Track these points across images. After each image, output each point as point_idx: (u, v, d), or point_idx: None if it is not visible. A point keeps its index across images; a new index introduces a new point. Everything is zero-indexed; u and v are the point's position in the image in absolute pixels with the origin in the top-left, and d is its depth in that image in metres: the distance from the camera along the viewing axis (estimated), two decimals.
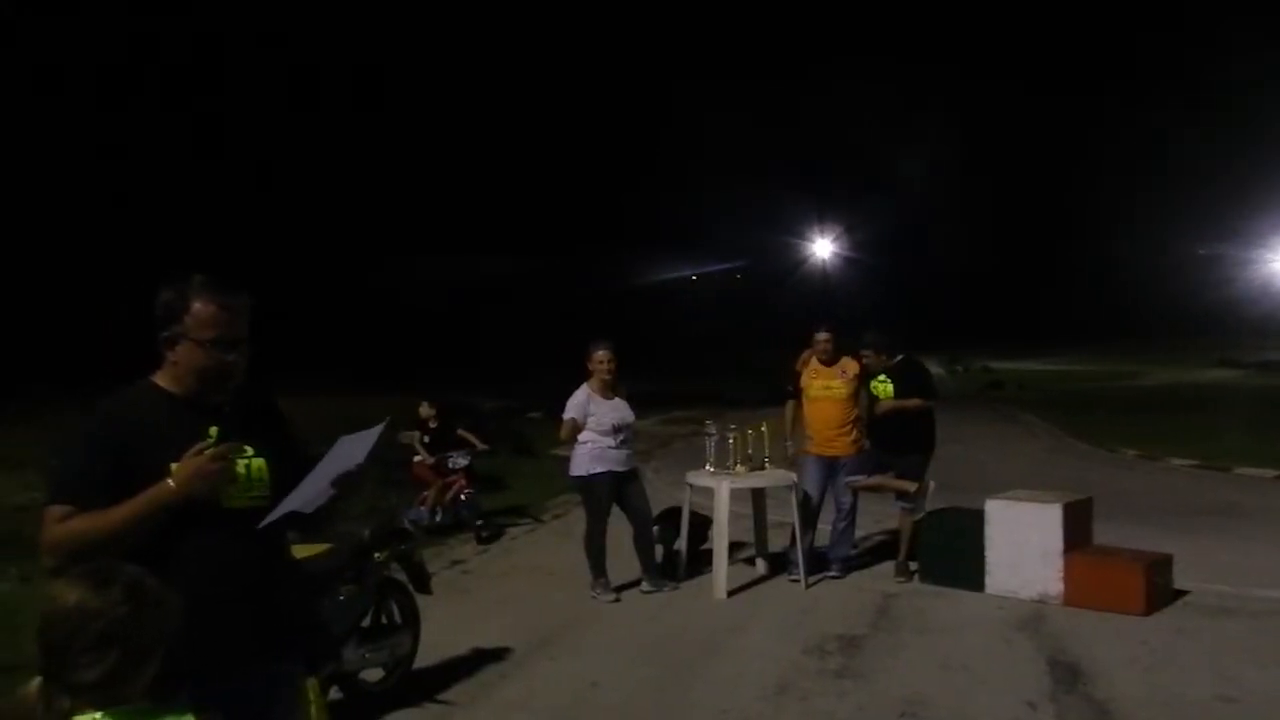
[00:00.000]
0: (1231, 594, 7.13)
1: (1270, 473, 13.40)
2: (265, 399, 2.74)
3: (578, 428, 7.30)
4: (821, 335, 7.76)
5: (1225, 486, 12.80)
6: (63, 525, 2.33)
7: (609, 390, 7.38)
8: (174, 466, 2.36)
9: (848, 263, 48.98)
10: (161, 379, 2.53)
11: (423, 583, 5.79)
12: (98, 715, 1.80)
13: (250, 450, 2.51)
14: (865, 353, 7.79)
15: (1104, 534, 7.56)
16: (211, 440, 2.41)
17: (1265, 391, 28.20)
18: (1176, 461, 14.94)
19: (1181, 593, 7.07)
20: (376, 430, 2.59)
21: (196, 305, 2.46)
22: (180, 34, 31.92)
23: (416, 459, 10.01)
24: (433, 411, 10.18)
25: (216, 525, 2.42)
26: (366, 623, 5.32)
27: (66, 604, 1.85)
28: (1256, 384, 32.99)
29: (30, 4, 27.94)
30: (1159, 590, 6.86)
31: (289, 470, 2.56)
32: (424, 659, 5.63)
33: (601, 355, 7.37)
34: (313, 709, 2.87)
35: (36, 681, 1.84)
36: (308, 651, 2.75)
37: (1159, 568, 6.95)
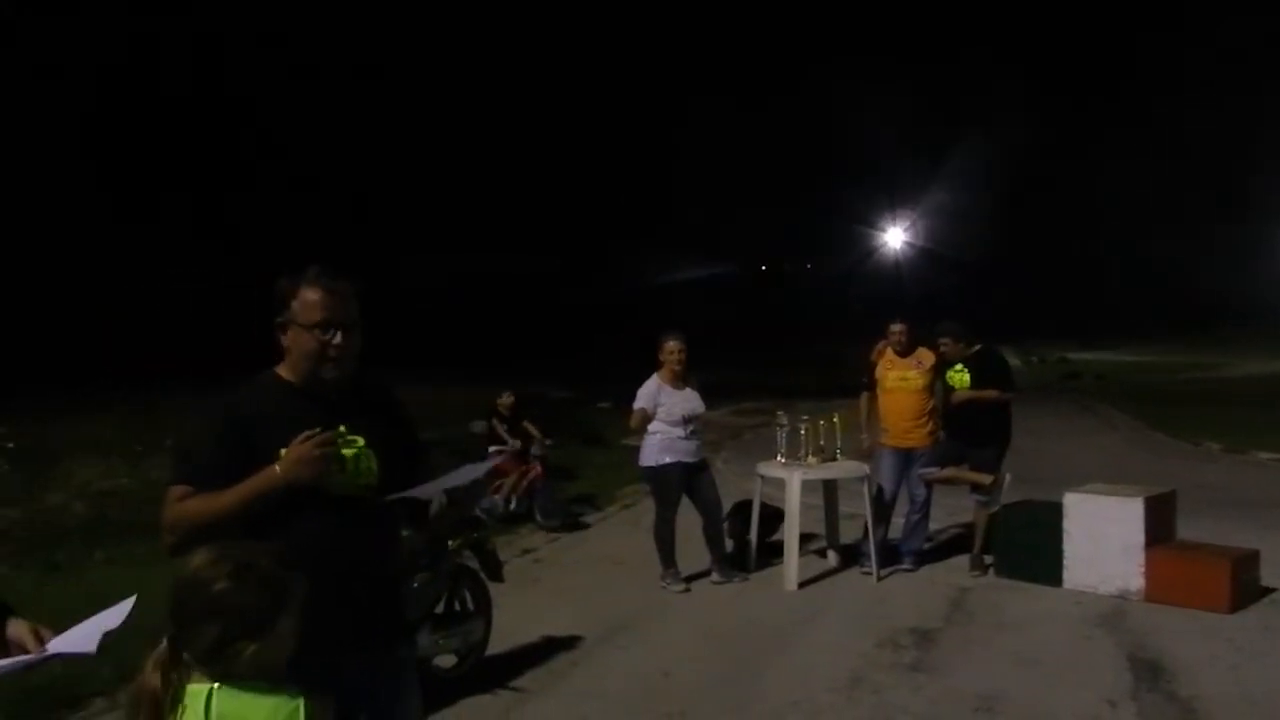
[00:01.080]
0: None
1: None
2: (381, 388, 2.79)
3: (648, 418, 7.29)
4: (896, 327, 7.69)
5: None
6: (180, 505, 2.45)
7: (679, 380, 7.36)
8: (282, 452, 2.44)
9: (920, 253, 48.39)
10: (282, 369, 2.63)
11: (495, 571, 5.84)
12: (212, 686, 1.86)
13: (361, 440, 2.56)
14: (944, 340, 7.68)
15: (1187, 529, 7.37)
16: (317, 430, 2.46)
17: None
18: (1263, 455, 14.50)
19: (1269, 590, 6.87)
20: (484, 467, 2.78)
21: (302, 291, 2.56)
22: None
23: (493, 448, 10.11)
24: (511, 400, 10.30)
25: (324, 512, 2.48)
26: (440, 609, 5.39)
27: (184, 573, 1.93)
28: None
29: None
30: (1245, 587, 6.66)
31: (401, 459, 2.63)
32: (496, 646, 5.70)
33: (672, 345, 7.36)
34: None
35: (163, 645, 1.91)
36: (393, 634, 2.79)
37: (1245, 564, 6.76)
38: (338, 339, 2.54)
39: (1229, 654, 5.73)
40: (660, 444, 7.28)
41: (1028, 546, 7.32)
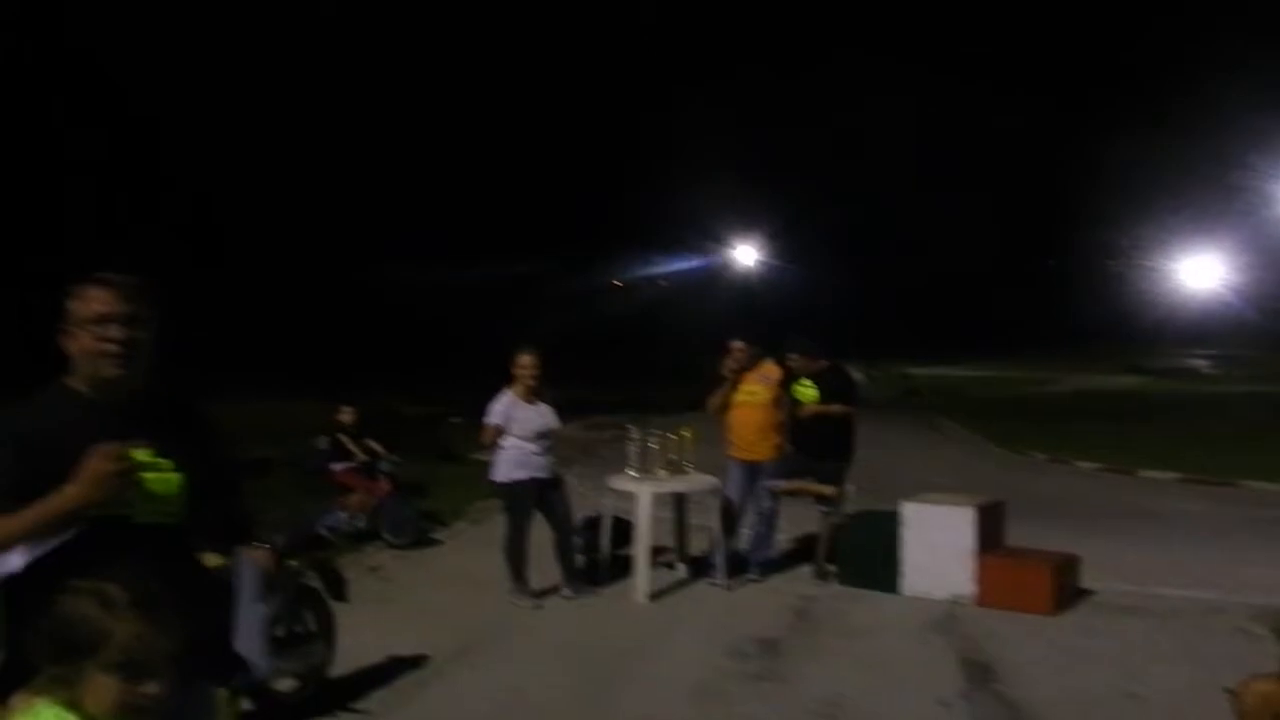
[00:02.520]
0: (1136, 593, 7.36)
1: (1173, 476, 13.87)
2: (183, 402, 2.68)
3: (500, 433, 7.25)
4: (735, 344, 7.89)
5: (1130, 489, 13.23)
6: None
7: (532, 396, 7.34)
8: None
9: (774, 269, 49.39)
10: (71, 379, 2.51)
11: (339, 590, 5.70)
12: (35, 704, 1.95)
13: (170, 464, 2.47)
14: (792, 356, 7.91)
15: (1016, 535, 7.74)
16: (114, 446, 2.35)
17: (1169, 397, 29.18)
18: (1084, 465, 15.37)
19: (1088, 592, 7.28)
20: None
21: (80, 290, 2.47)
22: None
23: (338, 466, 9.85)
24: (351, 417, 10.06)
25: (127, 540, 2.37)
26: (280, 632, 5.22)
27: None
28: (1161, 389, 34.08)
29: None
30: (1066, 590, 7.05)
31: (209, 481, 2.55)
32: (341, 668, 5.55)
33: (525, 360, 7.33)
34: None
35: None
36: (218, 663, 2.69)
37: (1066, 568, 7.15)
38: (116, 333, 2.44)
39: (1053, 655, 6.05)
40: (513, 459, 7.24)
41: (868, 555, 7.57)
